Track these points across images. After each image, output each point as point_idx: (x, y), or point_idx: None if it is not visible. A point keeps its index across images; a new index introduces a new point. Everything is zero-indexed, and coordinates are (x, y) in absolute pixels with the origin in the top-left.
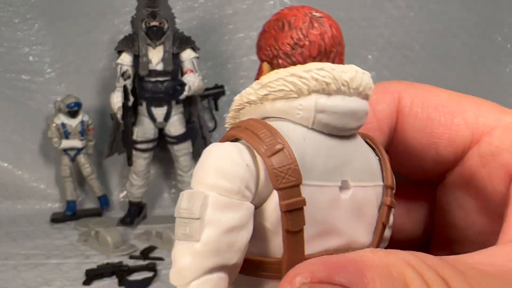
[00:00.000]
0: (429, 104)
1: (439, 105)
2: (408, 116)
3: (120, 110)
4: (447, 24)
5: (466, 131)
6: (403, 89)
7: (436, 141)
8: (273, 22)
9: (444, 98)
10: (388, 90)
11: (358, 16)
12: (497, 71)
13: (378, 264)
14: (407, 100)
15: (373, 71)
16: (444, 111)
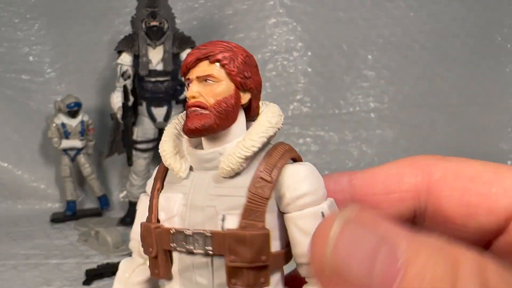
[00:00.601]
0: (463, 175)
1: (474, 176)
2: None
3: (120, 110)
4: (447, 24)
5: (506, 199)
6: (433, 163)
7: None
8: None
9: (479, 169)
10: (417, 164)
11: (358, 16)
12: (497, 71)
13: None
14: (439, 172)
15: (373, 71)
16: (480, 181)
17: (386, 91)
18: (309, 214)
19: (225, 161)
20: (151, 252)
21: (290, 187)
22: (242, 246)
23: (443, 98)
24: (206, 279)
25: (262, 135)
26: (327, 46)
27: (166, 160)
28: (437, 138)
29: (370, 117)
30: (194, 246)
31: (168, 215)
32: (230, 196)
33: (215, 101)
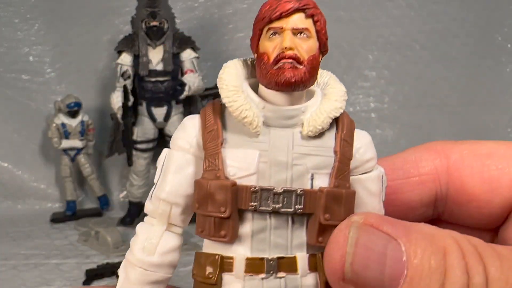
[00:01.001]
0: (480, 154)
1: (490, 152)
2: (462, 168)
3: (120, 110)
4: (447, 24)
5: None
6: (448, 147)
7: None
8: None
9: (493, 147)
10: (432, 148)
11: (358, 15)
12: (497, 71)
13: (426, 231)
14: (456, 155)
15: (373, 71)
16: (497, 156)
17: (386, 91)
18: (376, 177)
19: (313, 119)
20: (223, 212)
21: (361, 150)
22: (337, 204)
23: (443, 98)
24: (284, 239)
25: (344, 98)
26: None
27: (242, 112)
28: (437, 138)
29: (370, 117)
30: (282, 204)
31: (244, 173)
32: (318, 156)
33: (308, 56)
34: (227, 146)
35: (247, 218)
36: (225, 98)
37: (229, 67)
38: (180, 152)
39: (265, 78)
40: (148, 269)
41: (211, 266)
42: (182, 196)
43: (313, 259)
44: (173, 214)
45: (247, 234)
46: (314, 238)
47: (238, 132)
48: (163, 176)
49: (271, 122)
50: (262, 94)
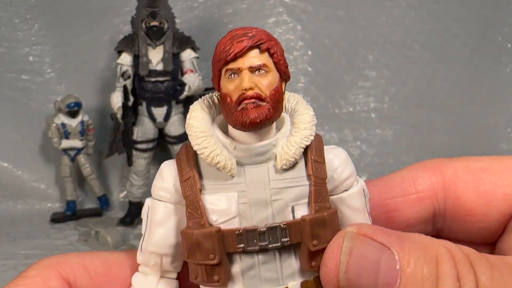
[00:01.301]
0: (474, 169)
1: (484, 167)
2: (457, 183)
3: (120, 110)
4: (448, 23)
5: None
6: (443, 164)
7: (493, 197)
8: None
9: (486, 161)
10: (428, 166)
11: (359, 15)
12: (498, 71)
13: (419, 241)
14: (451, 171)
15: (373, 70)
16: (491, 170)
17: (387, 91)
18: (357, 192)
19: (284, 152)
20: (212, 259)
21: (338, 169)
22: (323, 228)
23: (443, 98)
24: (274, 273)
25: (313, 124)
26: (328, 45)
27: (214, 159)
28: (437, 138)
29: (371, 117)
30: (268, 241)
31: (226, 217)
32: (295, 187)
33: (270, 92)
34: (205, 193)
35: (235, 259)
36: (195, 145)
37: (195, 111)
38: (162, 202)
39: (231, 120)
40: None
41: None
42: (170, 247)
43: (306, 285)
44: (164, 264)
45: (238, 273)
46: (307, 264)
47: (214, 177)
48: (149, 229)
49: (244, 161)
50: (232, 133)
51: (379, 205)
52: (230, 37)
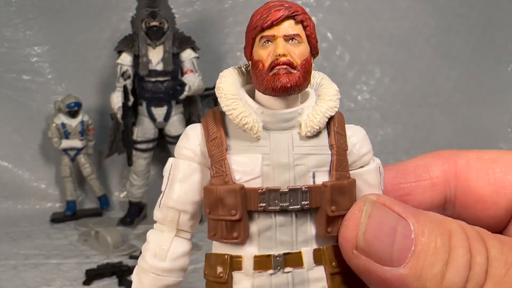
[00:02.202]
0: (485, 158)
1: (495, 158)
2: (469, 171)
3: (120, 110)
4: (451, 20)
5: None
6: (455, 153)
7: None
8: None
9: (497, 153)
10: (441, 155)
11: (363, 7)
12: (498, 70)
13: (433, 217)
14: (463, 160)
15: (376, 66)
16: (501, 160)
17: (389, 89)
18: (374, 169)
19: (310, 120)
20: (234, 215)
21: (357, 145)
22: (342, 195)
23: (444, 98)
24: (289, 236)
25: (337, 97)
26: (330, 39)
27: (243, 119)
28: (437, 137)
29: (372, 115)
30: (289, 202)
31: (250, 176)
32: (317, 155)
33: (301, 61)
34: (231, 153)
35: (254, 218)
36: (224, 106)
37: (225, 76)
38: (186, 161)
39: (262, 85)
40: (160, 274)
41: (221, 265)
42: (190, 203)
43: (318, 252)
44: (181, 220)
45: (254, 233)
46: (323, 229)
47: (240, 138)
48: (170, 185)
49: (270, 126)
50: (259, 99)
51: (393, 189)
52: (267, 7)
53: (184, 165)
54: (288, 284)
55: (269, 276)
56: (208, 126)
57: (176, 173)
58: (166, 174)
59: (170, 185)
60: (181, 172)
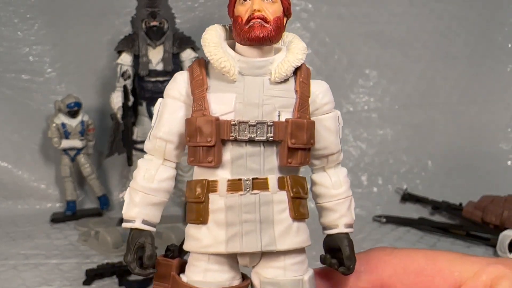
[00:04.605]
0: (410, 271)
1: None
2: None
3: (120, 110)
4: (449, 22)
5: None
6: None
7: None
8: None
9: (422, 262)
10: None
11: (360, 12)
12: (498, 71)
13: None
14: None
15: (374, 69)
16: (424, 274)
17: (387, 90)
18: (332, 116)
19: (279, 68)
20: (209, 142)
21: (320, 95)
22: (300, 131)
23: (443, 98)
24: (257, 164)
25: (304, 52)
26: (328, 43)
27: (221, 63)
28: (437, 137)
29: (371, 116)
30: (256, 134)
31: (224, 111)
32: (284, 97)
33: (274, 17)
34: (210, 91)
35: (228, 148)
36: (207, 52)
37: (210, 29)
38: (173, 99)
39: (239, 36)
40: (148, 193)
41: (200, 188)
42: (175, 134)
43: (282, 180)
44: (168, 149)
45: (228, 161)
46: (285, 160)
47: (219, 80)
48: (159, 119)
49: (245, 72)
50: (238, 50)
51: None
52: None
53: (171, 103)
54: (255, 204)
55: (239, 196)
56: (193, 70)
57: (165, 109)
58: (156, 111)
59: (159, 119)
60: (169, 108)
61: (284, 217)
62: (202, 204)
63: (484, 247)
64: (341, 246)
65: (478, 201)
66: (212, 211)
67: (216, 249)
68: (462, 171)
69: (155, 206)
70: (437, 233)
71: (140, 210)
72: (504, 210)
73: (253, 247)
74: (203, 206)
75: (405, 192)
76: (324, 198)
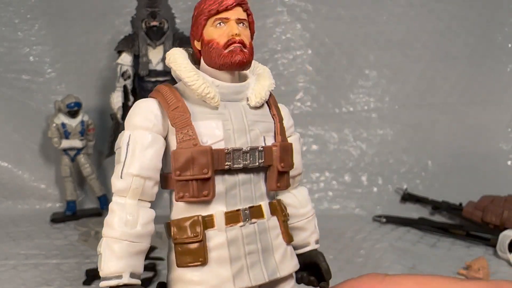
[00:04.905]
0: None
1: None
2: None
3: (120, 110)
4: (448, 23)
5: None
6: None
7: None
8: None
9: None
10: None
11: (359, 13)
12: (498, 71)
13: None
14: None
15: (374, 69)
16: None
17: (387, 91)
18: (297, 138)
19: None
20: (205, 173)
21: (286, 118)
22: (287, 154)
23: (443, 98)
24: (249, 192)
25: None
26: (328, 44)
27: (205, 89)
28: (437, 137)
29: (371, 116)
30: (249, 160)
31: (214, 140)
32: (264, 122)
33: (249, 42)
34: (194, 119)
35: (220, 179)
36: (186, 78)
37: (178, 54)
38: (144, 131)
39: (218, 60)
40: (134, 241)
41: (194, 226)
42: (153, 170)
43: (273, 205)
44: (145, 188)
45: (222, 192)
46: (274, 184)
47: (200, 106)
48: (131, 155)
49: (225, 97)
50: (210, 75)
51: None
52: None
53: (144, 134)
54: (255, 233)
55: (239, 228)
56: (166, 98)
57: (137, 142)
58: (124, 145)
59: (132, 155)
60: (143, 141)
61: (279, 242)
62: (200, 243)
63: (484, 247)
64: (317, 261)
65: (478, 201)
66: (211, 248)
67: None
68: (462, 171)
69: (140, 255)
70: (437, 233)
71: (126, 262)
72: (504, 210)
73: (260, 278)
74: (202, 245)
75: (405, 192)
76: (294, 218)
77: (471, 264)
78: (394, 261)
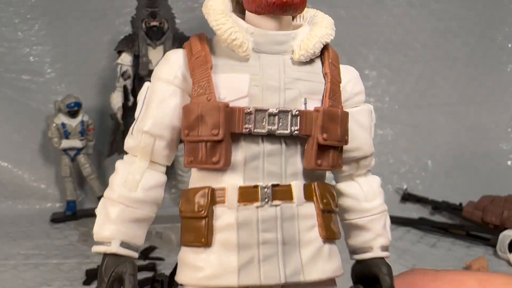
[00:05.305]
0: None
1: None
2: None
3: (120, 110)
4: (448, 23)
5: None
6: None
7: None
8: None
9: None
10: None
11: (359, 14)
12: (498, 71)
13: None
14: None
15: (374, 70)
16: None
17: (387, 91)
18: (366, 110)
19: (304, 43)
20: (215, 135)
21: (351, 82)
22: (334, 123)
23: (443, 98)
24: (278, 167)
25: (333, 28)
26: None
27: (232, 35)
28: (437, 138)
29: None
30: (277, 126)
31: (235, 96)
32: (310, 81)
33: None
34: (216, 71)
35: (239, 145)
36: (213, 21)
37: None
38: (164, 83)
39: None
40: (130, 205)
41: (200, 199)
42: (167, 128)
43: (309, 188)
44: (156, 148)
45: (239, 162)
46: (313, 161)
47: (227, 57)
48: (145, 109)
49: (261, 48)
50: (250, 21)
51: None
52: None
53: (162, 87)
54: (276, 219)
55: (255, 209)
56: (192, 46)
57: (153, 96)
58: (141, 98)
59: (146, 109)
60: (158, 95)
61: (312, 236)
62: (204, 220)
63: (484, 247)
64: (379, 274)
65: (478, 201)
66: (218, 229)
67: (225, 282)
68: (462, 171)
69: (138, 224)
70: (437, 233)
71: (118, 228)
72: (504, 210)
73: (274, 277)
74: (206, 222)
75: (405, 192)
76: (354, 213)
77: (471, 264)
78: (394, 261)
